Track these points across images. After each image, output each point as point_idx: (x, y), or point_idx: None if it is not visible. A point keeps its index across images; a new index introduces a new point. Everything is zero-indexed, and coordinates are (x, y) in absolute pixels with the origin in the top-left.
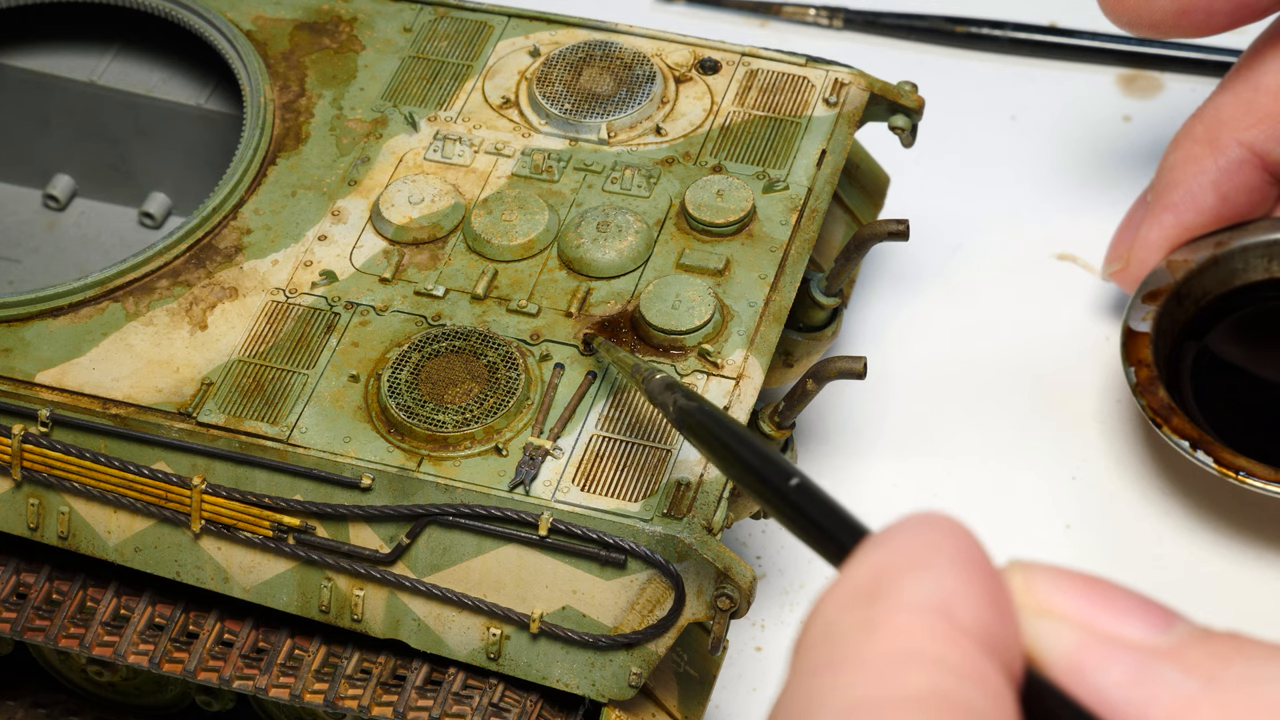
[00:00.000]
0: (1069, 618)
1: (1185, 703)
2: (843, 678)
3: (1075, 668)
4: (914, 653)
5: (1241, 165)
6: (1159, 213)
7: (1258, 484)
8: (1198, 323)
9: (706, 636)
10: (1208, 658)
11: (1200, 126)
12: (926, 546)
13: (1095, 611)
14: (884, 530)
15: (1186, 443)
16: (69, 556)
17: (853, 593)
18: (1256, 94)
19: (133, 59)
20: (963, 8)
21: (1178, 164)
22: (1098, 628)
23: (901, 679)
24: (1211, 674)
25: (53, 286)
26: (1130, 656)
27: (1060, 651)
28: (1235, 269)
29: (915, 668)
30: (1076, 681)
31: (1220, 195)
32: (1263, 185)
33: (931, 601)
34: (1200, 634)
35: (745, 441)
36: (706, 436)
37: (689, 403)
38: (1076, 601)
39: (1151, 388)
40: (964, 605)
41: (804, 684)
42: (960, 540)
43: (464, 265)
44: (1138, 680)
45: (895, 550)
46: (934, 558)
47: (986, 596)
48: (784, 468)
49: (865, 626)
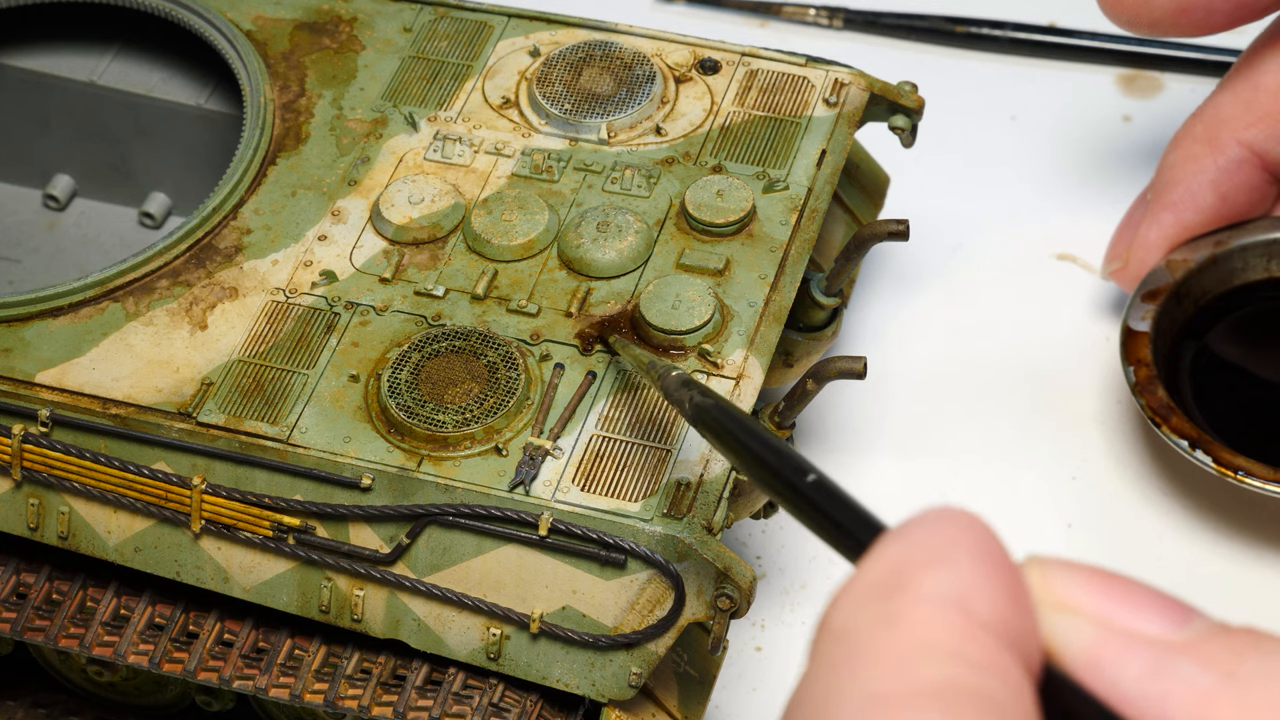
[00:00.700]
0: (1086, 613)
1: (1203, 697)
2: (860, 672)
3: (1093, 662)
4: (932, 646)
5: (1241, 164)
6: (1158, 212)
7: (1256, 483)
8: (1197, 322)
9: (706, 636)
10: (1225, 652)
11: (1200, 126)
12: (944, 541)
13: (1112, 606)
14: (901, 525)
15: (1185, 442)
16: (69, 556)
17: (870, 587)
18: (1256, 93)
19: (133, 59)
20: (963, 8)
21: (1177, 163)
22: (1115, 623)
23: (919, 673)
24: (1229, 669)
25: (53, 286)
26: (1147, 651)
27: (1078, 646)
28: (1234, 268)
29: (933, 661)
30: (1094, 676)
31: (1220, 194)
32: (1262, 184)
33: (949, 596)
34: (1218, 629)
35: (761, 438)
36: (722, 433)
37: (705, 399)
38: (1094, 597)
39: (1150, 387)
40: (982, 599)
41: (821, 678)
42: (978, 534)
43: (464, 265)
44: (1155, 675)
45: (913, 545)
46: (952, 552)
47: (1004, 591)
48: (800, 464)
49: (883, 621)
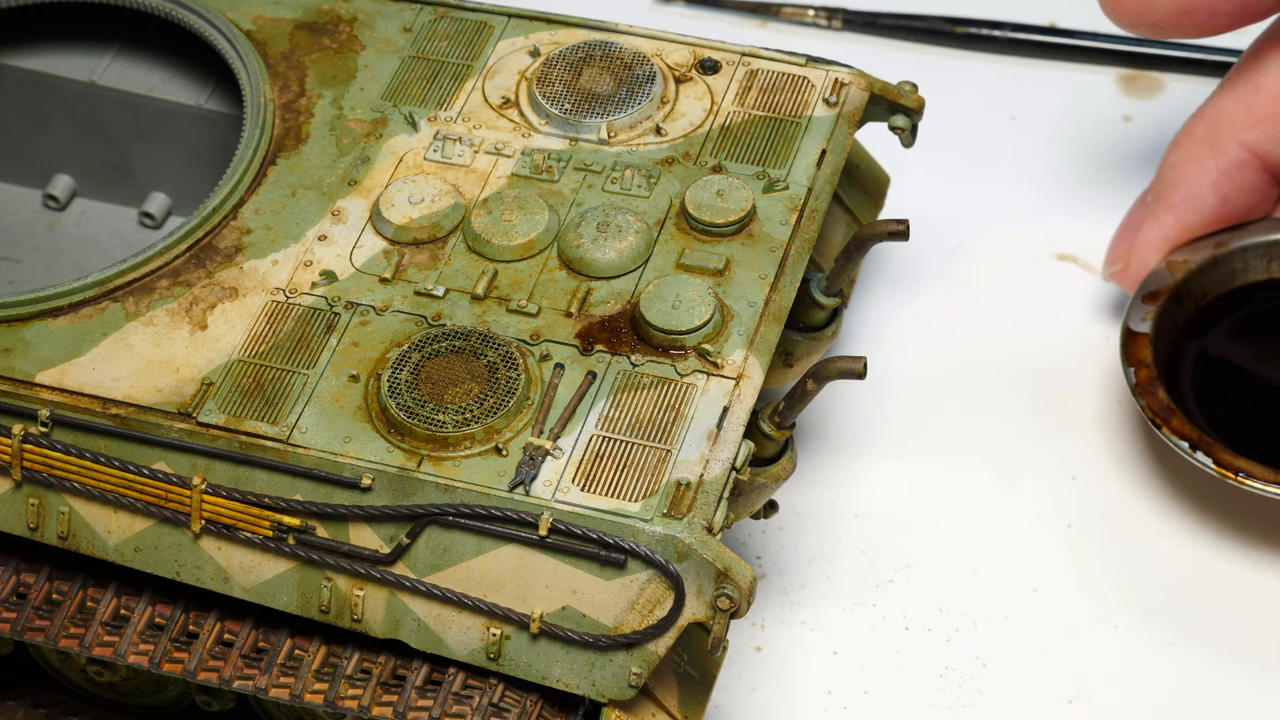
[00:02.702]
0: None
1: None
2: None
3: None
4: None
5: (1242, 166)
6: (1159, 213)
7: (1257, 485)
8: (1198, 323)
9: (706, 636)
10: None
11: (1201, 127)
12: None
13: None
14: None
15: (1186, 443)
16: (69, 556)
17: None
18: (1257, 95)
19: (133, 59)
20: (963, 8)
21: (1178, 164)
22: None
23: None
24: None
25: (53, 286)
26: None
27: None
28: (1235, 269)
29: None
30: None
31: (1221, 196)
32: (1263, 186)
33: None
34: None
35: None
36: None
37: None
38: None
39: (1151, 388)
40: None
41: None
42: None
43: (464, 265)
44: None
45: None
46: None
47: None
48: None
49: None
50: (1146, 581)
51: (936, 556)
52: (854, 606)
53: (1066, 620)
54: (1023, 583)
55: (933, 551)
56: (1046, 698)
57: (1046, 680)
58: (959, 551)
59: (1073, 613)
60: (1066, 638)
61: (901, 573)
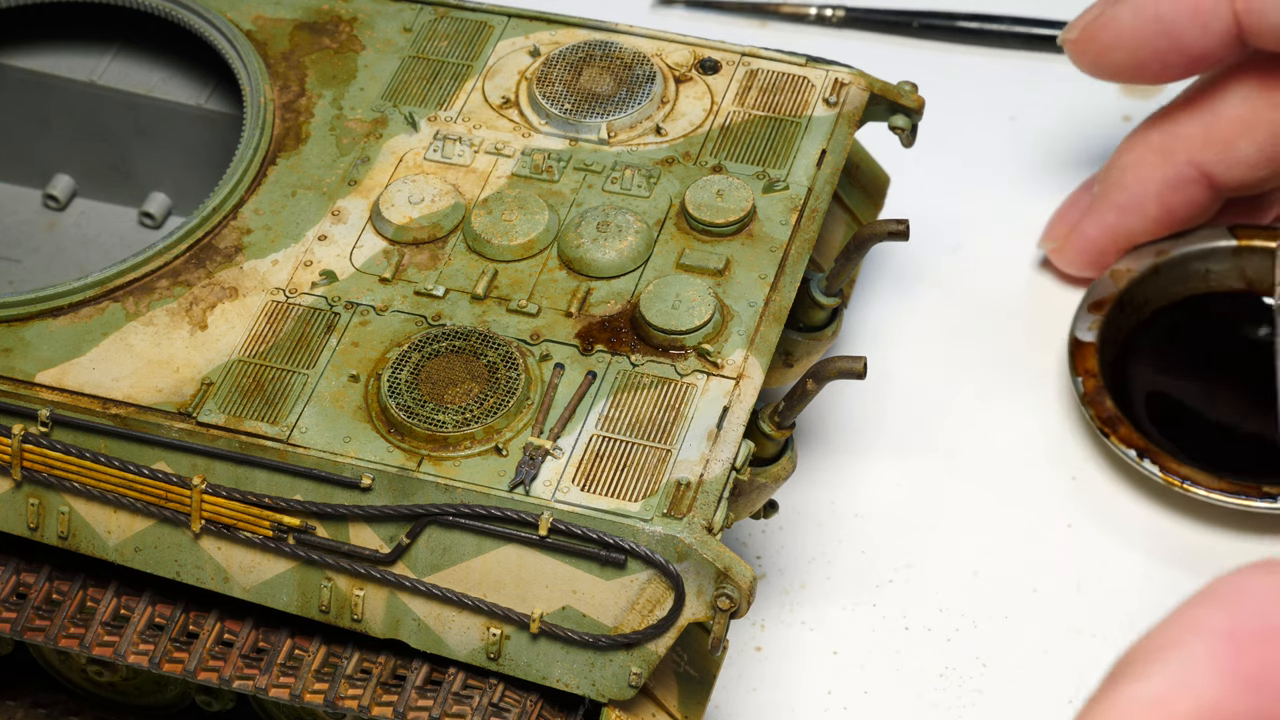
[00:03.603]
0: None
1: None
2: None
3: None
4: None
5: (1189, 183)
6: (1103, 210)
7: (1201, 492)
8: (1143, 330)
9: (706, 636)
10: None
11: (1157, 135)
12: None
13: None
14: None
15: (1134, 451)
16: (69, 556)
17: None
18: (1216, 119)
19: (133, 59)
20: (962, 7)
21: (1129, 166)
22: None
23: None
24: None
25: (53, 286)
26: None
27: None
28: (1176, 277)
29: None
30: None
31: (1164, 206)
32: (1205, 201)
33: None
34: None
35: None
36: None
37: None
38: None
39: (1098, 398)
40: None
41: None
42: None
43: (464, 265)
44: None
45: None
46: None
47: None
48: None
49: None
50: (1146, 581)
51: (936, 556)
52: (854, 606)
53: (1066, 620)
54: (1023, 583)
55: (933, 551)
56: (1046, 698)
57: (1046, 680)
58: (959, 551)
59: (1073, 613)
60: (1066, 638)
61: (901, 573)
